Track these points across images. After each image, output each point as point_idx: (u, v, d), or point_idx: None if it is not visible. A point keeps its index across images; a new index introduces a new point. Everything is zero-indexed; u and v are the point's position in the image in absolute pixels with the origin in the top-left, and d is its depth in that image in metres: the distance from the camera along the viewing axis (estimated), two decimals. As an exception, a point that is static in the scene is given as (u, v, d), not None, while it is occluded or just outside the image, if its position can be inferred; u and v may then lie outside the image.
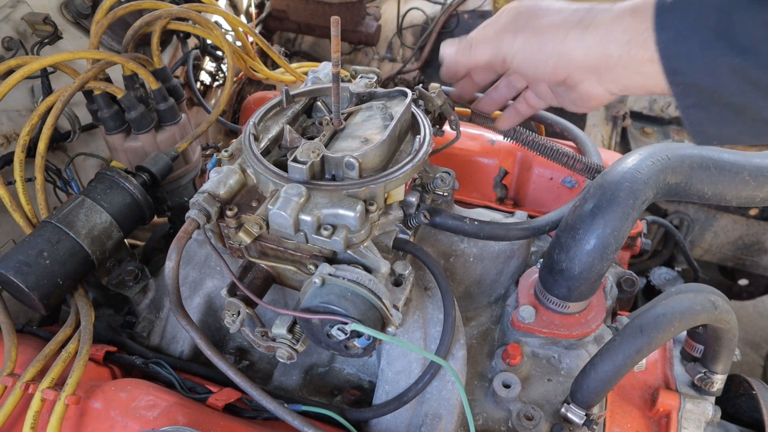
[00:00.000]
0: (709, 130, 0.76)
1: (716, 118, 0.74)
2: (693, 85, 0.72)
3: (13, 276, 0.98)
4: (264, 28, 2.61)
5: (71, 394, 0.91)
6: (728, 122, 0.74)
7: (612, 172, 0.94)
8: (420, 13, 2.67)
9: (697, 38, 0.69)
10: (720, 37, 0.67)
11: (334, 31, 0.83)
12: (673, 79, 0.73)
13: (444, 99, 1.11)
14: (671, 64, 0.72)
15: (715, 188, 0.96)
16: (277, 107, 1.05)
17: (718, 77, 0.69)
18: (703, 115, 0.75)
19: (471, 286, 1.18)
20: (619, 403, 1.07)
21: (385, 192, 0.89)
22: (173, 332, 1.13)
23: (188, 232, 0.87)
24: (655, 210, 2.18)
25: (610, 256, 0.93)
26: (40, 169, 1.15)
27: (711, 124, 0.75)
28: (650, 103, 2.37)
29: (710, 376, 1.06)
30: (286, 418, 0.84)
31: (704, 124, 0.76)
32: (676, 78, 0.72)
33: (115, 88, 1.23)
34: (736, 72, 0.68)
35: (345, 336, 0.80)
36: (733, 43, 0.66)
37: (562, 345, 1.09)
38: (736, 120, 0.74)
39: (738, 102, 0.71)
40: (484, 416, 1.02)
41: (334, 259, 0.88)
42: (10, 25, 1.38)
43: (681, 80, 0.72)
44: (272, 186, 0.89)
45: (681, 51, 0.71)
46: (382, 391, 0.96)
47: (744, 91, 0.69)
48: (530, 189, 1.48)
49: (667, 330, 0.90)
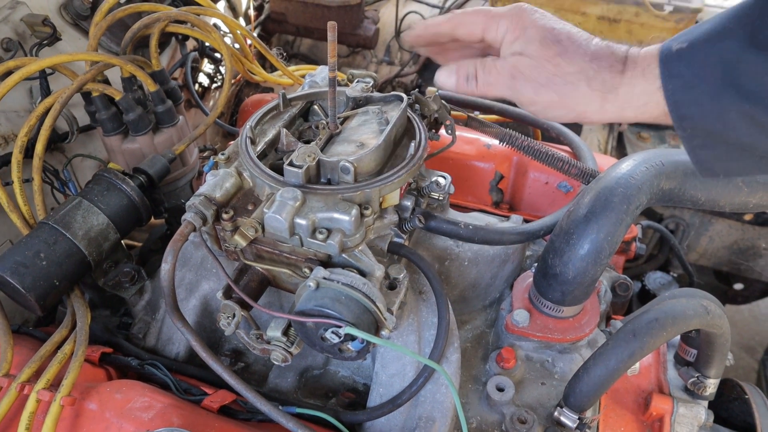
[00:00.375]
0: (716, 166, 0.77)
1: (723, 156, 0.76)
2: (701, 129, 0.73)
3: (9, 277, 0.99)
4: (263, 31, 2.62)
5: (66, 395, 0.91)
6: (734, 159, 0.76)
7: (606, 178, 0.94)
8: (418, 17, 2.67)
9: (705, 86, 0.70)
10: (727, 85, 0.69)
11: (330, 36, 0.84)
12: (681, 123, 0.74)
13: (440, 104, 1.12)
14: (679, 110, 0.73)
15: (708, 194, 0.97)
16: (273, 111, 1.05)
17: (726, 122, 0.71)
18: (710, 154, 0.76)
19: (466, 290, 1.19)
20: (612, 406, 1.08)
21: (381, 196, 0.90)
22: (169, 334, 1.13)
23: (184, 234, 0.87)
24: (650, 214, 2.19)
25: (604, 261, 0.94)
26: (38, 170, 1.15)
27: (717, 161, 0.77)
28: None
29: (703, 381, 1.07)
30: (281, 420, 0.85)
31: (711, 162, 0.77)
32: (684, 123, 0.74)
33: (113, 90, 1.24)
34: (745, 116, 0.69)
35: (339, 339, 0.80)
36: (740, 90, 0.68)
37: (555, 349, 1.10)
38: (741, 157, 0.75)
39: (745, 142, 0.72)
40: (477, 419, 1.03)
41: (328, 262, 0.88)
42: (9, 26, 1.38)
43: (689, 125, 0.73)
44: (268, 189, 0.89)
45: (689, 99, 0.72)
46: (377, 393, 0.97)
47: (752, 133, 0.71)
48: (526, 193, 1.49)
49: (659, 335, 0.91)
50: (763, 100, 0.68)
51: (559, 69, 0.80)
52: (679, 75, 0.73)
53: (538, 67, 0.81)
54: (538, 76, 0.82)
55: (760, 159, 0.75)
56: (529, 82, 0.82)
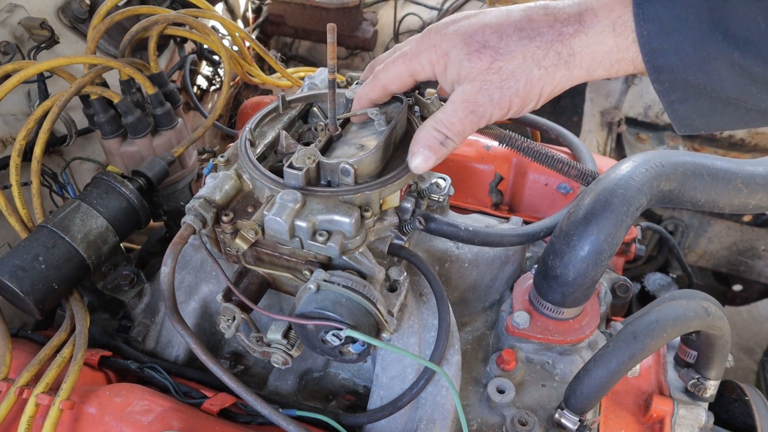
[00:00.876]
0: (697, 121, 0.72)
1: (705, 110, 0.69)
2: (681, 81, 0.66)
3: (8, 280, 0.98)
4: (261, 33, 2.61)
5: (66, 398, 0.91)
6: (718, 113, 0.69)
7: (606, 179, 0.94)
8: (417, 19, 2.68)
9: (687, 30, 0.62)
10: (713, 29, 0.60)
11: (330, 38, 0.84)
12: (657, 76, 0.67)
13: (439, 105, 1.12)
14: (656, 60, 0.66)
15: (708, 195, 0.97)
16: (273, 113, 1.05)
17: (711, 72, 0.64)
18: (690, 108, 0.70)
19: (466, 292, 1.19)
20: (612, 408, 1.08)
21: (381, 198, 0.90)
22: (168, 337, 1.13)
23: (184, 237, 0.87)
24: (650, 216, 2.19)
25: (604, 262, 0.94)
26: (36, 174, 1.15)
27: (699, 117, 0.71)
28: (645, 109, 2.38)
29: (703, 382, 1.07)
30: (281, 423, 0.84)
31: (691, 117, 0.71)
32: (661, 75, 0.66)
33: (111, 93, 1.23)
34: (733, 66, 0.62)
35: (340, 342, 0.80)
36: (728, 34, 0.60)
37: (556, 351, 1.10)
38: (726, 110, 0.68)
39: (731, 95, 0.66)
40: (478, 421, 1.02)
41: (329, 265, 0.88)
42: (7, 29, 1.38)
43: (667, 77, 0.66)
44: (268, 192, 0.89)
45: (668, 46, 0.64)
46: (377, 396, 0.97)
47: (740, 84, 0.64)
48: (525, 195, 1.49)
49: (660, 336, 0.91)
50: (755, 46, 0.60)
51: (503, 72, 0.74)
52: (655, 18, 0.64)
53: (484, 86, 0.75)
54: (491, 94, 0.75)
55: (747, 112, 0.68)
56: (489, 103, 0.76)
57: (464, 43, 0.75)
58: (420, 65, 0.82)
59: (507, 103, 0.76)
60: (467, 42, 0.75)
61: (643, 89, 2.37)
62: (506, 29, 0.73)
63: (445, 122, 0.80)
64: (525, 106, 0.77)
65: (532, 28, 0.72)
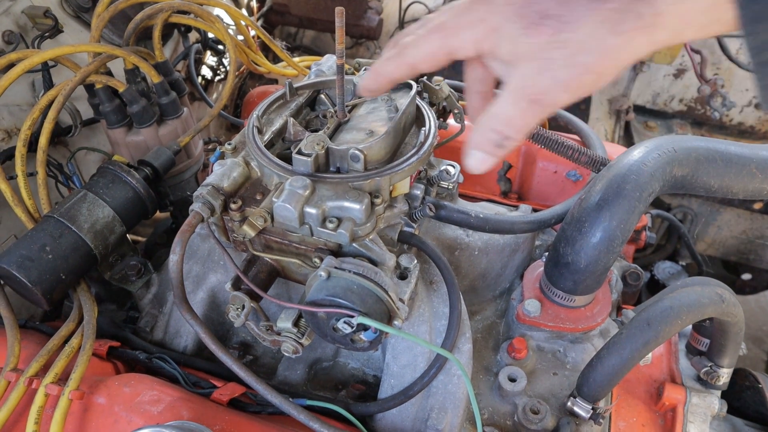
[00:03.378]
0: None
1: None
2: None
3: (15, 271, 0.98)
4: (265, 23, 2.59)
5: (75, 389, 0.90)
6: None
7: (618, 165, 0.93)
8: (422, 7, 2.65)
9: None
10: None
11: (338, 21, 0.82)
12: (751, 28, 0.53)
13: (448, 91, 1.11)
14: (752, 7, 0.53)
15: (721, 181, 0.96)
16: (280, 100, 1.04)
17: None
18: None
19: (476, 280, 1.18)
20: (624, 397, 1.07)
21: (391, 184, 0.89)
22: (176, 327, 1.13)
23: (192, 225, 0.86)
24: (658, 204, 2.18)
25: (617, 249, 0.93)
26: (42, 164, 1.14)
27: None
28: (653, 97, 2.36)
29: (716, 370, 1.06)
30: (292, 412, 0.84)
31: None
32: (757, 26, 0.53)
33: (116, 82, 1.22)
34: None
35: (351, 329, 0.79)
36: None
37: (567, 339, 1.09)
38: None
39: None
40: (489, 410, 1.02)
41: (339, 252, 0.87)
42: (11, 18, 1.37)
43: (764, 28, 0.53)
44: (276, 179, 0.88)
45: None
46: (388, 385, 0.96)
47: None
48: (534, 182, 1.47)
49: (674, 323, 0.90)
50: None
51: (569, 45, 0.60)
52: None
53: (547, 65, 0.62)
54: (556, 74, 0.62)
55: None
56: (554, 86, 0.63)
57: (519, 15, 0.62)
58: (460, 42, 0.68)
59: (577, 83, 0.62)
60: (523, 13, 0.62)
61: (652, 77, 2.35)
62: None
63: (503, 118, 0.67)
64: (599, 82, 0.63)
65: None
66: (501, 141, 0.68)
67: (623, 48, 0.59)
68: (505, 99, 0.66)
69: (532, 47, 0.62)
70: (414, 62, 0.74)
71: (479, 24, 0.66)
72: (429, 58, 0.72)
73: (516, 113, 0.66)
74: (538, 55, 0.62)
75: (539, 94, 0.64)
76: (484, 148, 0.70)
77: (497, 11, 0.64)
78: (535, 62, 0.62)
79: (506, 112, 0.66)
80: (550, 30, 0.60)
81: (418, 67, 0.75)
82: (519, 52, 0.63)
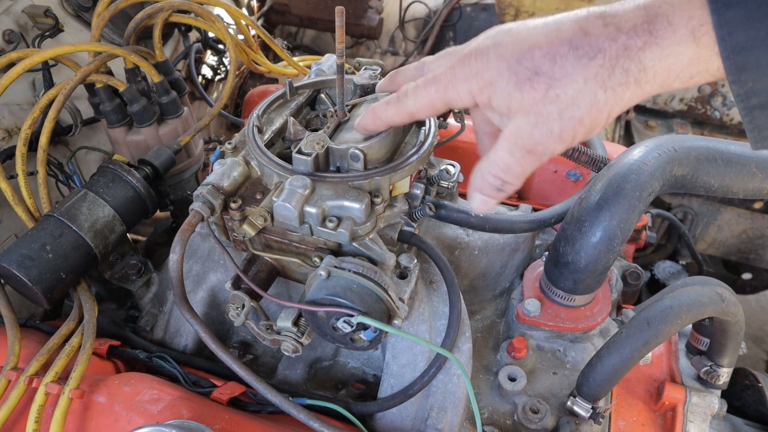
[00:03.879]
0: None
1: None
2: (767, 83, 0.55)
3: (16, 270, 0.98)
4: (266, 22, 2.60)
5: (75, 388, 0.90)
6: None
7: (618, 164, 0.93)
8: (422, 7, 2.65)
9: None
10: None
11: (338, 21, 0.82)
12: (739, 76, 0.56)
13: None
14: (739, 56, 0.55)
15: (722, 180, 0.96)
16: (280, 99, 1.04)
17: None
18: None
19: (476, 279, 1.18)
20: (624, 396, 1.07)
21: (391, 184, 0.89)
22: (177, 326, 1.13)
23: (192, 224, 0.86)
24: (658, 204, 2.18)
25: (617, 248, 0.93)
26: (42, 163, 1.14)
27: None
28: (654, 96, 2.36)
29: (716, 370, 1.06)
30: (292, 411, 0.84)
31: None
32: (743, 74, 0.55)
33: (117, 81, 1.22)
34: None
35: (351, 328, 0.79)
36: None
37: (567, 338, 1.09)
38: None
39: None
40: (489, 409, 1.02)
41: (339, 251, 0.87)
42: (11, 17, 1.37)
43: (751, 77, 0.55)
44: (276, 178, 0.88)
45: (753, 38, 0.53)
46: (387, 384, 0.96)
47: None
48: (535, 182, 1.47)
49: (674, 322, 0.90)
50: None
51: (561, 101, 0.63)
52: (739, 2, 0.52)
53: (541, 119, 0.64)
54: (550, 127, 0.64)
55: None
56: (548, 138, 0.65)
57: (511, 71, 0.65)
58: (457, 95, 0.71)
59: (570, 135, 0.65)
60: (515, 70, 0.65)
61: (652, 76, 2.34)
62: (559, 49, 0.62)
63: (501, 165, 0.70)
64: (592, 133, 0.67)
65: (590, 44, 0.61)
66: (500, 186, 0.72)
67: (612, 102, 0.63)
68: (502, 147, 0.69)
69: (525, 102, 0.65)
70: (413, 111, 0.78)
71: (474, 78, 0.68)
72: (427, 107, 0.76)
73: (513, 162, 0.69)
74: (532, 110, 0.65)
75: (535, 145, 0.67)
76: (485, 192, 0.74)
77: (491, 66, 0.67)
78: (530, 116, 0.65)
79: (504, 160, 0.69)
80: (543, 87, 0.63)
81: (417, 115, 0.78)
82: (513, 106, 0.66)
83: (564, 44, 0.62)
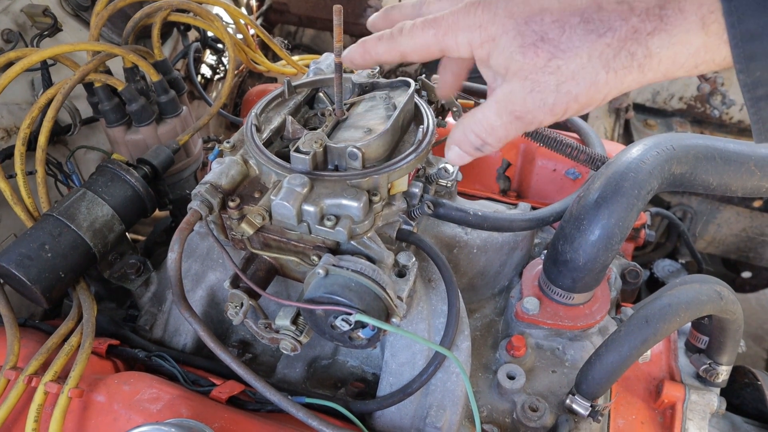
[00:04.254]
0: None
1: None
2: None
3: (14, 269, 0.98)
4: (264, 22, 2.59)
5: (74, 387, 0.90)
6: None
7: (617, 163, 0.93)
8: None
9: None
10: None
11: (336, 20, 0.82)
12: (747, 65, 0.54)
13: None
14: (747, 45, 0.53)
15: (720, 179, 0.96)
16: (278, 98, 1.04)
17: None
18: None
19: (474, 278, 1.18)
20: (623, 394, 1.07)
21: (389, 182, 0.89)
22: (176, 325, 1.13)
23: (191, 223, 0.86)
24: (658, 202, 2.18)
25: (615, 246, 0.93)
26: (41, 163, 1.14)
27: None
28: (653, 95, 2.36)
29: (715, 368, 1.06)
30: (291, 410, 0.84)
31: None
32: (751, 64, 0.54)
33: (115, 81, 1.22)
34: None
35: (349, 327, 0.79)
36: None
37: (566, 336, 1.09)
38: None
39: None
40: (488, 408, 1.02)
41: (337, 250, 0.87)
42: (10, 17, 1.37)
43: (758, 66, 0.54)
44: (275, 177, 0.88)
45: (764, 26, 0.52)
46: (386, 383, 0.96)
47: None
48: (533, 181, 1.47)
49: (672, 321, 0.90)
50: None
51: (561, 73, 0.61)
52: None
53: (537, 87, 0.63)
54: (545, 98, 0.63)
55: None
56: (540, 108, 0.64)
57: (518, 31, 0.62)
58: (455, 44, 0.68)
59: (562, 109, 0.64)
60: (522, 31, 0.62)
61: (651, 75, 2.34)
62: (570, 19, 0.60)
63: (486, 125, 0.69)
64: (584, 110, 0.66)
65: (601, 19, 0.59)
66: (480, 145, 0.71)
67: (612, 83, 0.61)
68: (491, 108, 0.67)
69: (525, 67, 0.63)
70: (405, 51, 0.74)
71: (477, 29, 0.66)
72: (421, 50, 0.72)
73: (499, 124, 0.67)
74: (529, 76, 0.63)
75: (525, 113, 0.65)
76: (464, 148, 0.72)
77: (497, 22, 0.64)
78: (527, 82, 0.63)
79: (490, 121, 0.68)
80: (546, 54, 0.61)
81: (409, 56, 0.75)
82: (512, 68, 0.64)
83: (576, 14, 0.60)
